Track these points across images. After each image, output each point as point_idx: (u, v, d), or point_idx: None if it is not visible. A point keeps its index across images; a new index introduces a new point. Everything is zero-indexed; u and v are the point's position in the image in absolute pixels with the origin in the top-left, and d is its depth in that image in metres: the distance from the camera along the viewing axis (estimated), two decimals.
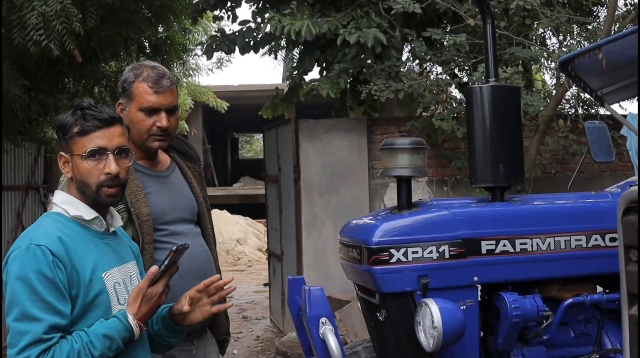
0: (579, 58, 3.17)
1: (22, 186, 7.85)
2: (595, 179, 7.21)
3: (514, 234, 2.69)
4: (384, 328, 2.76)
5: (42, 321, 1.83)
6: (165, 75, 2.52)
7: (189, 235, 2.56)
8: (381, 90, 6.59)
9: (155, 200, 2.50)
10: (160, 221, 2.49)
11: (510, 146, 2.85)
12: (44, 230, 1.96)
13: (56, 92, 7.62)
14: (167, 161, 2.67)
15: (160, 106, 2.48)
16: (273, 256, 8.63)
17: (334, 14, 6.91)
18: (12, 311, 1.85)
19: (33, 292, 1.85)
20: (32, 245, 1.89)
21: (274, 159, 8.21)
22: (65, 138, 2.01)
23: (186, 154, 2.76)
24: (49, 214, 2.05)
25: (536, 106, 6.17)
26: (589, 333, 2.84)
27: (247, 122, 22.57)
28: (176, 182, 2.64)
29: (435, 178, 7.37)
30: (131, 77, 2.52)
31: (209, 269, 2.57)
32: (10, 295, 1.86)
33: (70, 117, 2.01)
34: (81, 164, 2.00)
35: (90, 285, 1.95)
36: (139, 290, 1.99)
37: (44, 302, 1.85)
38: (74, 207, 2.03)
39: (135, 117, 2.49)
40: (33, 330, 1.82)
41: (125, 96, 2.52)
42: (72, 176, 2.03)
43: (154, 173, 2.58)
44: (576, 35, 7.31)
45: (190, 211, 2.63)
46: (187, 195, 2.64)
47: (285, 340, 6.71)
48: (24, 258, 1.88)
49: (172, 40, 9.06)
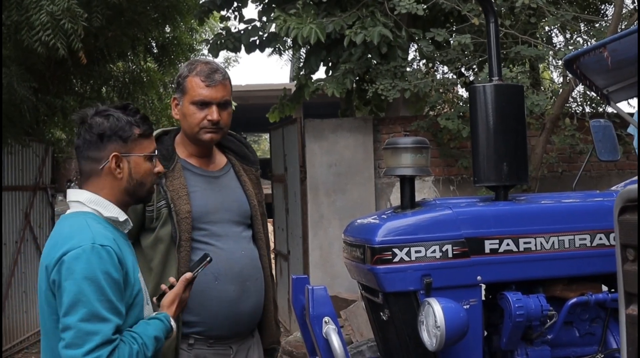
0: (584, 56, 3.16)
1: (30, 186, 7.89)
2: (603, 178, 7.18)
3: (518, 233, 2.68)
4: (387, 327, 2.76)
5: (111, 321, 1.86)
6: (217, 70, 2.56)
7: (231, 238, 2.54)
8: (387, 89, 6.58)
9: (199, 199, 2.50)
10: (202, 221, 2.50)
11: (513, 145, 2.84)
12: (98, 230, 1.95)
13: (64, 93, 7.66)
14: (222, 162, 2.67)
15: (212, 99, 2.52)
16: (280, 255, 8.64)
17: (340, 13, 6.90)
18: (78, 311, 1.84)
19: (101, 292, 1.86)
20: (96, 245, 1.89)
21: (280, 158, 8.22)
22: (124, 138, 2.03)
23: (244, 156, 2.75)
24: (84, 213, 2.02)
25: (542, 105, 6.15)
26: (594, 333, 2.83)
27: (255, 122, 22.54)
28: (228, 183, 2.63)
29: (442, 177, 7.36)
30: (185, 72, 2.57)
31: (250, 274, 2.55)
32: (76, 294, 1.84)
33: (122, 121, 2.03)
34: (143, 164, 2.06)
35: (133, 285, 2.00)
36: (175, 295, 2.12)
37: (110, 303, 1.87)
38: (105, 208, 2.04)
39: (188, 110, 2.53)
40: (103, 330, 1.84)
41: (180, 91, 2.57)
42: (125, 177, 2.05)
43: (204, 172, 2.59)
44: (583, 33, 7.27)
45: (240, 214, 2.61)
46: (239, 197, 2.63)
47: (291, 339, 6.72)
48: (91, 257, 1.87)
49: (179, 40, 9.09)
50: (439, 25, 7.13)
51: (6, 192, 7.30)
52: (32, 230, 7.92)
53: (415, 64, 7.61)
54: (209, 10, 7.99)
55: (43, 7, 4.80)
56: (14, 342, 7.49)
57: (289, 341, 6.73)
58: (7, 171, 7.23)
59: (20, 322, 7.66)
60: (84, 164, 2.06)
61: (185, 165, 2.56)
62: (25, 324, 7.79)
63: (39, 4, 4.81)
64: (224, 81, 2.55)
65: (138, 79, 8.99)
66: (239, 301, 2.51)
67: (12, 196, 7.47)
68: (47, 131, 8.14)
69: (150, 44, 8.83)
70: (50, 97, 6.85)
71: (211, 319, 2.47)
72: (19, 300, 7.65)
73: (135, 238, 2.49)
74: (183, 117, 2.56)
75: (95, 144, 2.03)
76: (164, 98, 10.43)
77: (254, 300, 2.57)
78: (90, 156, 2.04)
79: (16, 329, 7.58)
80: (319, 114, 8.85)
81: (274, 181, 8.79)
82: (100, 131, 2.02)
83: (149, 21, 7.58)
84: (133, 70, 9.15)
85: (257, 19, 7.77)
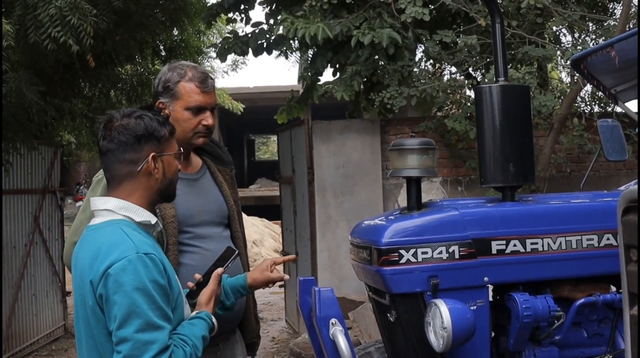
0: (592, 56, 3.15)
1: (39, 189, 7.92)
2: (611, 178, 7.15)
3: (525, 234, 2.68)
4: (394, 328, 2.76)
5: (165, 328, 1.87)
6: (209, 75, 2.63)
7: (216, 238, 2.58)
8: (394, 97, 6.58)
9: (182, 203, 2.52)
10: (187, 224, 2.52)
11: (520, 146, 2.84)
12: (138, 238, 1.94)
13: (72, 96, 7.68)
14: (198, 164, 2.70)
15: (207, 104, 2.58)
16: None
17: (346, 15, 6.90)
18: (133, 322, 1.82)
19: (152, 301, 1.85)
20: (140, 254, 1.88)
21: (288, 160, 8.23)
22: (158, 138, 2.04)
23: (218, 157, 2.78)
24: (117, 222, 1.99)
25: (549, 106, 6.13)
26: (602, 334, 2.82)
27: (263, 124, 22.63)
28: (206, 185, 2.67)
29: (450, 178, 7.35)
30: (175, 77, 2.58)
31: (236, 272, 2.57)
32: (129, 306, 1.83)
33: (154, 121, 2.04)
34: (173, 163, 2.10)
35: (175, 288, 2.01)
36: (211, 292, 2.17)
37: (161, 310, 1.88)
38: (136, 213, 2.02)
39: (182, 116, 2.55)
40: (159, 338, 1.84)
41: (169, 96, 2.58)
42: (159, 176, 2.05)
43: (184, 175, 2.59)
44: (591, 33, 7.24)
45: (220, 215, 2.65)
46: (217, 198, 2.67)
47: (300, 341, 6.72)
48: (137, 268, 1.86)
49: (187, 43, 9.10)
50: (446, 26, 7.12)
51: (15, 195, 7.34)
52: (41, 233, 7.95)
53: (423, 65, 7.60)
54: (217, 13, 8.02)
55: (52, 2, 4.79)
56: (24, 345, 7.52)
57: (297, 343, 6.73)
58: (16, 174, 7.26)
59: (30, 325, 7.69)
60: (119, 167, 2.01)
61: None
62: (35, 327, 7.82)
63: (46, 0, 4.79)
64: (214, 85, 2.63)
65: (146, 82, 9.00)
66: None
67: (22, 199, 7.51)
68: (55, 134, 8.16)
69: (158, 46, 8.84)
70: (58, 101, 6.87)
71: None
72: (29, 303, 7.68)
73: None
74: (175, 122, 2.50)
75: (132, 145, 2.00)
76: None
77: None
78: (127, 158, 2.00)
79: (26, 332, 7.60)
80: (327, 115, 8.85)
81: (282, 182, 8.79)
82: (138, 132, 2.00)
83: (157, 24, 7.59)
84: (141, 73, 9.16)
85: (265, 22, 7.78)
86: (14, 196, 7.28)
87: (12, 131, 6.11)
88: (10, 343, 7.17)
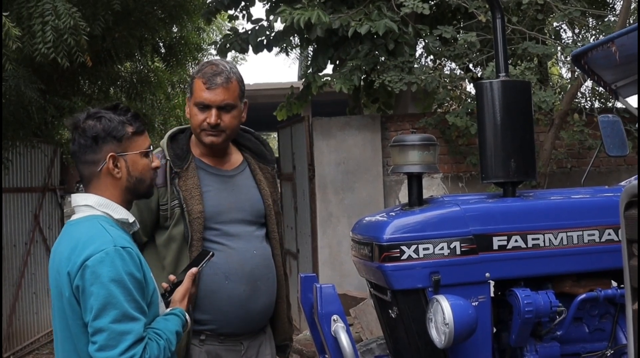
0: (592, 51, 3.14)
1: (39, 187, 7.92)
2: (612, 174, 7.15)
3: (526, 229, 2.67)
4: (396, 325, 2.76)
5: (140, 320, 1.91)
6: (222, 72, 2.52)
7: (245, 237, 2.55)
8: (394, 82, 6.56)
9: (212, 199, 2.50)
10: (215, 221, 2.50)
11: (521, 141, 2.83)
12: (116, 233, 1.98)
13: (71, 94, 7.68)
14: (238, 161, 2.67)
15: (211, 102, 2.50)
16: (289, 254, 8.64)
17: (346, 10, 6.89)
18: (109, 313, 1.86)
19: (128, 293, 1.89)
20: (118, 248, 1.92)
21: (289, 157, 8.22)
22: (118, 138, 2.04)
23: (260, 154, 2.74)
24: (96, 217, 2.04)
25: (549, 102, 6.12)
26: (604, 329, 2.82)
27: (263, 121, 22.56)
28: (242, 182, 2.63)
29: (451, 174, 7.34)
30: (195, 73, 2.59)
31: (262, 274, 2.55)
32: (105, 297, 1.87)
33: (114, 121, 2.04)
34: (140, 161, 2.09)
35: (150, 285, 2.04)
36: (185, 290, 2.17)
37: (137, 302, 1.92)
38: (114, 210, 2.07)
39: (192, 111, 2.55)
40: (134, 329, 1.88)
41: (189, 91, 2.58)
42: (123, 175, 2.06)
43: (218, 171, 2.59)
44: (591, 29, 7.23)
45: (254, 213, 2.61)
46: (253, 196, 2.62)
47: (301, 337, 6.72)
48: (115, 260, 1.90)
49: (187, 40, 9.09)
50: (446, 22, 7.11)
51: (15, 194, 7.33)
52: (41, 231, 7.95)
53: (423, 60, 7.59)
54: (216, 10, 7.99)
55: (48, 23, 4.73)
56: (25, 343, 7.52)
57: (299, 339, 6.73)
58: (16, 172, 7.24)
59: (30, 323, 7.69)
60: (82, 168, 2.08)
61: (200, 164, 2.57)
62: (36, 325, 7.82)
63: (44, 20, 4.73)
64: (227, 83, 2.50)
65: (146, 79, 9.00)
66: (249, 301, 2.51)
67: (21, 197, 7.50)
68: (55, 133, 8.15)
69: (158, 44, 8.83)
70: (58, 99, 6.86)
71: (222, 318, 2.49)
72: (29, 301, 7.67)
73: (150, 235, 2.52)
74: (190, 117, 2.57)
75: (91, 147, 2.04)
76: (172, 98, 10.44)
77: (264, 299, 2.57)
78: (88, 159, 2.05)
79: (27, 330, 7.60)
80: (327, 112, 8.84)
81: (283, 179, 8.79)
82: (94, 134, 2.03)
83: (156, 21, 7.58)
84: (141, 70, 9.16)
85: (265, 19, 7.76)
86: (14, 195, 7.27)
87: (12, 130, 6.10)
88: (10, 341, 7.17)
